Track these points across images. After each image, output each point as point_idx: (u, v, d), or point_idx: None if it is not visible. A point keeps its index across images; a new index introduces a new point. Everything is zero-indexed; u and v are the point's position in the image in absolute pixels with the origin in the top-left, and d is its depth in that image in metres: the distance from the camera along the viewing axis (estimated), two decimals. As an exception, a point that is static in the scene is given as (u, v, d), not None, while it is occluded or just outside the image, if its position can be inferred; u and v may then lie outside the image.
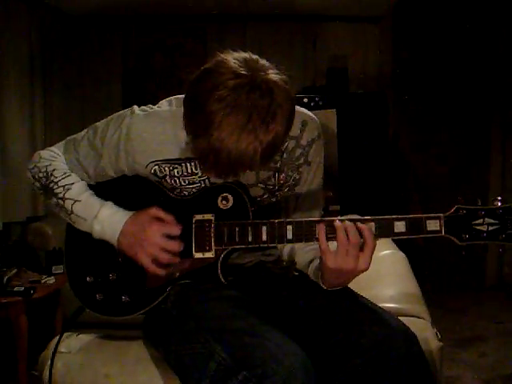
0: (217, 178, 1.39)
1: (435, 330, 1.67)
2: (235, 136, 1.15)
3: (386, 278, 1.95)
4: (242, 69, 1.18)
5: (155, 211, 1.42)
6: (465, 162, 5.11)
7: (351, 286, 1.50)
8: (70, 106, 4.94)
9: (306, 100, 4.44)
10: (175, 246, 1.40)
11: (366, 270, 1.32)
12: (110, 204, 1.46)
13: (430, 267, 4.72)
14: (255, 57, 1.24)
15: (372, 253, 1.31)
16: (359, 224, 1.29)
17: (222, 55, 1.24)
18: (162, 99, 1.53)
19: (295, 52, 5.22)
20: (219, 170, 1.25)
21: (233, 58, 1.21)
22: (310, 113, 1.52)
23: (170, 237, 1.40)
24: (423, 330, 1.39)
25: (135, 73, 5.30)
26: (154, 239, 1.39)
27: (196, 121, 1.20)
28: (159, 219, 1.41)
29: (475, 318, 4.12)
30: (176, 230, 1.40)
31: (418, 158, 5.17)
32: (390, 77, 5.18)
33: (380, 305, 1.44)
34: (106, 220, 1.43)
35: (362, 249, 1.30)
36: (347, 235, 1.28)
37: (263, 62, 1.23)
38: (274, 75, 1.20)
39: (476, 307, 4.40)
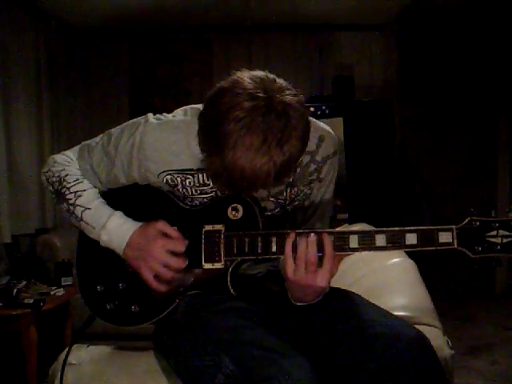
0: (229, 194, 1.39)
1: (446, 338, 1.66)
2: (250, 157, 1.15)
3: (396, 287, 1.94)
4: (258, 90, 1.17)
5: (162, 226, 1.41)
6: (472, 168, 5.10)
7: (360, 293, 1.50)
8: (77, 118, 4.98)
9: (312, 109, 4.44)
10: (178, 263, 1.39)
11: (326, 287, 1.31)
12: (118, 214, 1.46)
13: (439, 275, 4.71)
14: (272, 76, 1.23)
15: (330, 271, 1.29)
16: (324, 238, 1.28)
17: (238, 74, 1.23)
18: (168, 109, 1.53)
19: (301, 61, 5.23)
20: (232, 188, 1.25)
21: (249, 78, 1.20)
22: (328, 129, 1.50)
23: (174, 253, 1.40)
24: (434, 338, 1.37)
25: (142, 83, 5.33)
26: (157, 255, 1.39)
27: (211, 140, 1.20)
28: (166, 234, 1.41)
29: (485, 326, 4.10)
30: (181, 247, 1.40)
31: (425, 164, 5.17)
32: (395, 84, 5.18)
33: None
34: (114, 230, 1.43)
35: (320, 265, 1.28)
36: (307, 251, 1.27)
37: (280, 82, 1.23)
38: (290, 97, 1.19)
39: (486, 315, 4.38)
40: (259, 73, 1.24)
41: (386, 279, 2.00)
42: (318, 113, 4.49)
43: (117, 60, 5.28)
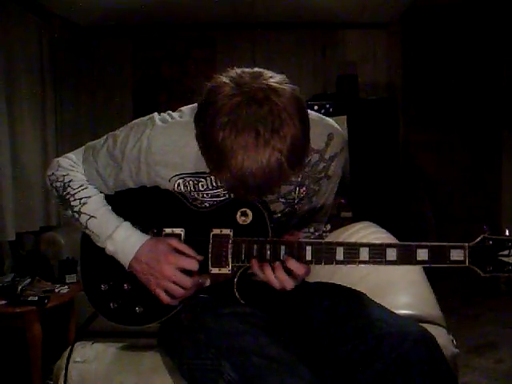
0: (254, 200, 1.37)
1: (451, 336, 1.66)
2: (252, 156, 1.10)
3: (400, 285, 1.94)
4: (232, 88, 1.13)
5: (175, 243, 1.40)
6: (476, 167, 5.09)
7: (365, 291, 1.50)
8: (81, 116, 4.98)
9: (316, 107, 4.45)
10: (187, 282, 1.37)
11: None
12: (125, 225, 1.43)
13: (443, 273, 4.69)
14: (248, 69, 1.18)
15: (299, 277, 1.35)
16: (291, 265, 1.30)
17: (211, 82, 1.19)
18: (173, 108, 1.48)
19: (305, 60, 5.23)
20: (252, 193, 1.20)
21: (222, 82, 1.16)
22: (336, 125, 1.47)
23: (186, 271, 1.38)
24: (439, 336, 1.37)
25: (145, 82, 5.33)
26: (167, 272, 1.37)
27: (211, 156, 1.17)
28: (178, 250, 1.39)
29: (489, 324, 4.08)
30: (193, 265, 1.37)
31: (428, 163, 5.16)
32: (399, 82, 5.17)
33: (395, 312, 1.42)
34: (120, 242, 1.41)
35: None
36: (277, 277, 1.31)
37: (256, 70, 1.18)
38: (268, 81, 1.14)
39: (490, 313, 4.36)
40: (235, 70, 1.19)
41: (391, 277, 1.99)
42: (322, 111, 4.49)
43: (120, 58, 5.28)
